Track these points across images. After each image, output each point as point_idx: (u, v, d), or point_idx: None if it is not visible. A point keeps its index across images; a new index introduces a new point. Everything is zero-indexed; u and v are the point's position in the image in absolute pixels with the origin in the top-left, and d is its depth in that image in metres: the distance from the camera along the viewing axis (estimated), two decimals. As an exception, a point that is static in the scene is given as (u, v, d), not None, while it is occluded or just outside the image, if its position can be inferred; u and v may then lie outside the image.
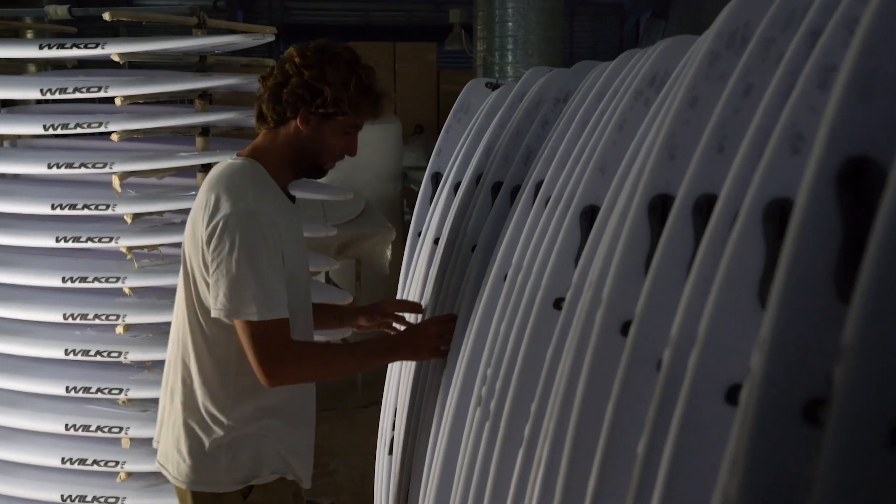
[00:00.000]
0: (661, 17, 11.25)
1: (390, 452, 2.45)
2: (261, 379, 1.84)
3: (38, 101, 3.25)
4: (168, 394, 2.06)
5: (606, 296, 1.09)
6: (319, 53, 1.92)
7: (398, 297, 2.65)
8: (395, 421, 2.44)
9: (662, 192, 1.10)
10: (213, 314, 1.86)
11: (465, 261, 1.99)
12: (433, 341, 1.94)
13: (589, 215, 1.36)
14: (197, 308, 1.95)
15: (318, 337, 3.19)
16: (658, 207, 1.10)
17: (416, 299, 2.39)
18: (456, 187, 2.38)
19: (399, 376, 2.42)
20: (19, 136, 3.19)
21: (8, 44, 2.95)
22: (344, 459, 4.25)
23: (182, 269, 2.00)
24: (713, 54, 1.07)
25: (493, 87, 2.64)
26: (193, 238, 1.92)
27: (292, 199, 2.09)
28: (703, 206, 1.01)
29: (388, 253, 4.71)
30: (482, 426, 1.47)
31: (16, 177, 3.24)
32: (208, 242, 1.85)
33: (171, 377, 2.04)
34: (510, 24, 7.01)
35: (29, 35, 4.29)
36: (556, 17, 7.10)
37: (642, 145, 1.24)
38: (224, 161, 2.01)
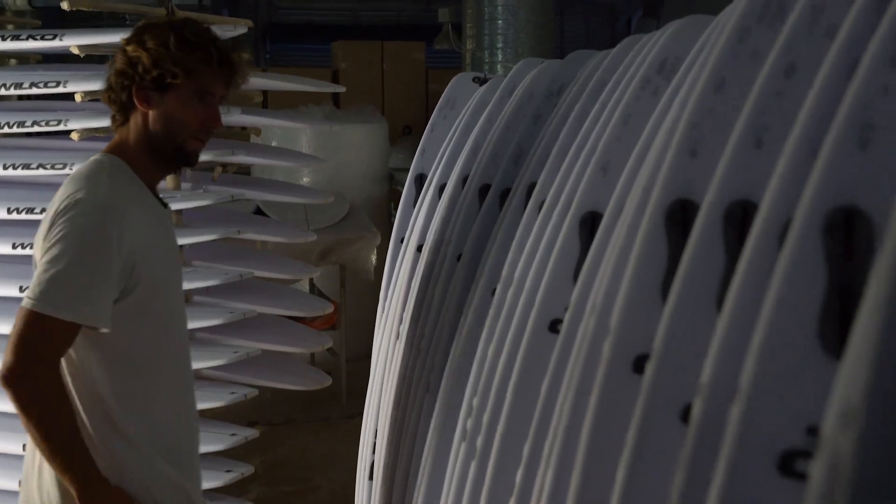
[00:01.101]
0: (653, 15, 11.10)
1: (370, 478, 2.26)
2: (0, 376, 1.59)
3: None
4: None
5: (616, 323, 0.90)
6: (141, 28, 1.80)
7: (380, 307, 2.46)
8: (375, 443, 2.25)
9: (683, 196, 0.92)
10: (23, 304, 1.61)
11: (449, 271, 1.80)
12: None
13: (590, 223, 1.17)
14: None
15: (294, 348, 3.02)
16: (678, 215, 0.92)
17: (397, 311, 2.20)
18: (441, 190, 2.19)
19: (381, 393, 2.23)
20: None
21: None
22: (327, 474, 4.05)
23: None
24: (742, 29, 0.89)
25: (482, 81, 2.45)
26: (39, 240, 1.72)
27: (164, 204, 1.91)
28: (736, 214, 0.83)
29: (373, 258, 4.52)
30: (467, 464, 1.28)
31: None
32: (49, 229, 1.66)
33: None
34: (500, 21, 6.85)
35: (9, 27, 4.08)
36: (546, 14, 6.94)
37: (653, 141, 1.06)
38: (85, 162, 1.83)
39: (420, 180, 2.46)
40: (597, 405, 0.89)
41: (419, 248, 2.19)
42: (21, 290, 2.65)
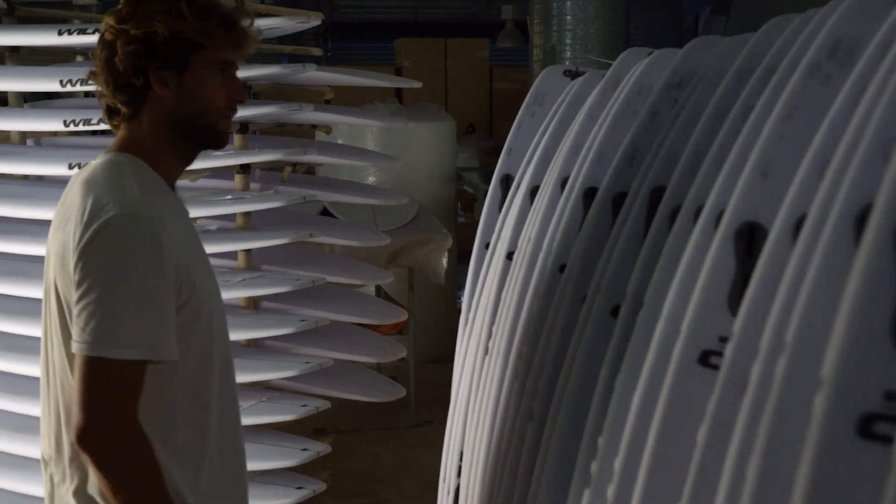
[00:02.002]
0: (722, 13, 10.80)
1: (455, 503, 2.10)
2: (74, 436, 1.37)
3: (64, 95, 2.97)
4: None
5: (832, 374, 0.71)
6: (131, 3, 1.55)
7: (462, 317, 2.30)
8: (460, 465, 2.08)
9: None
10: (74, 349, 1.40)
11: (551, 284, 1.63)
12: None
13: (747, 236, 0.99)
14: (67, 364, 1.51)
15: (367, 358, 2.88)
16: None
17: (485, 323, 2.03)
18: (533, 192, 2.02)
19: (467, 411, 2.06)
20: (42, 134, 2.90)
21: (23, 30, 2.65)
22: (397, 486, 3.90)
23: (47, 320, 1.58)
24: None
25: (573, 74, 2.27)
26: (63, 262, 1.46)
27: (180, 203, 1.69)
28: None
29: (444, 261, 4.36)
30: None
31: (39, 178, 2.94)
32: (81, 256, 1.42)
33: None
34: (568, 17, 6.68)
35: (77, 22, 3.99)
36: (617, 10, 6.75)
37: (838, 140, 0.87)
38: (88, 164, 1.61)
39: (506, 181, 2.29)
40: (811, 475, 0.69)
41: (509, 256, 2.02)
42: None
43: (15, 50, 2.75)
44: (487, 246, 2.26)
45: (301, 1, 12.02)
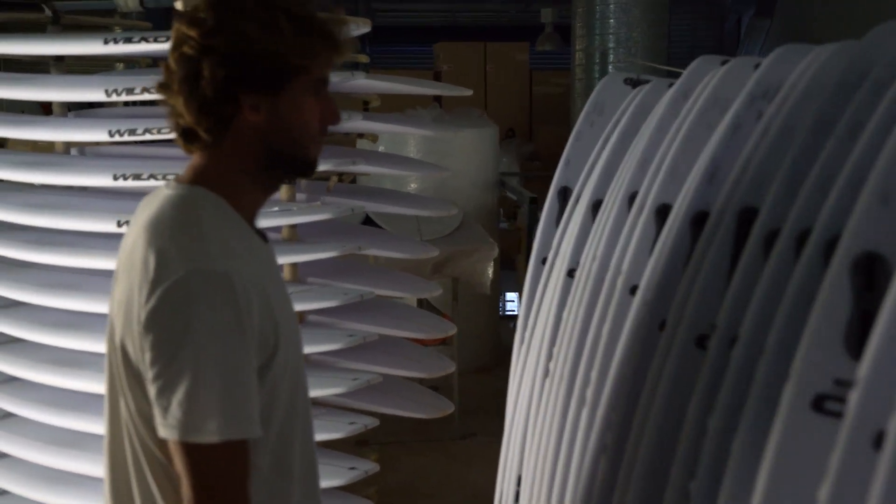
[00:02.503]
0: (766, 15, 10.62)
1: (511, 529, 2.01)
2: None
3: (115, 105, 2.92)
4: None
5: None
6: (215, 8, 1.32)
7: (518, 335, 2.21)
8: (518, 491, 2.00)
9: None
10: (162, 433, 1.25)
11: (622, 307, 1.54)
12: None
13: (865, 268, 0.90)
14: (141, 426, 1.34)
15: (415, 374, 2.79)
16: None
17: (545, 343, 1.94)
18: (595, 207, 1.93)
19: (526, 432, 1.98)
20: (87, 144, 2.86)
21: (68, 39, 2.60)
22: (440, 501, 3.82)
23: (114, 371, 1.38)
24: None
25: (635, 83, 2.18)
26: (129, 321, 1.30)
27: (263, 236, 1.47)
28: None
29: (490, 271, 4.27)
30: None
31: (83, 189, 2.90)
32: (149, 324, 1.25)
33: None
34: (611, 20, 6.59)
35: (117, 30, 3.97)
36: (660, 12, 6.65)
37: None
38: (157, 193, 1.40)
39: (564, 194, 2.20)
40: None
41: (570, 273, 1.93)
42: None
43: (59, 59, 2.71)
44: (544, 261, 2.18)
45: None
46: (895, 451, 0.74)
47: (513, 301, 6.99)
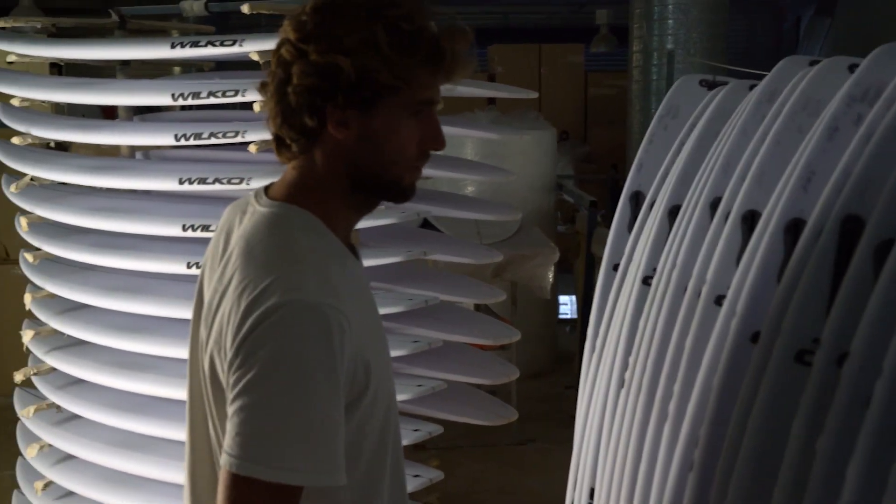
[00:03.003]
0: (826, 14, 10.41)
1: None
2: None
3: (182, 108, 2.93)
4: None
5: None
6: (319, 12, 1.24)
7: (588, 343, 2.16)
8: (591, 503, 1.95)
9: None
10: (222, 460, 1.16)
11: (706, 317, 1.49)
12: None
13: None
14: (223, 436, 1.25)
15: (480, 380, 2.75)
16: None
17: (620, 352, 1.89)
18: (672, 213, 1.88)
19: (599, 443, 1.93)
20: (152, 148, 2.87)
21: (136, 44, 2.61)
22: (498, 509, 3.79)
23: (200, 380, 1.31)
24: None
25: (711, 85, 2.12)
26: (219, 334, 1.23)
27: (356, 255, 1.38)
28: None
29: (550, 276, 4.22)
30: None
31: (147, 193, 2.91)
32: (239, 350, 1.17)
33: None
34: (670, 21, 6.50)
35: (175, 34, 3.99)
36: (720, 13, 6.55)
37: None
38: (246, 205, 1.34)
39: (637, 199, 2.15)
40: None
41: (646, 281, 1.88)
42: (195, 311, 2.48)
43: (126, 63, 2.72)
44: (615, 268, 2.13)
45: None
46: None
47: (567, 304, 6.91)
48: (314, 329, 1.16)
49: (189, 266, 2.49)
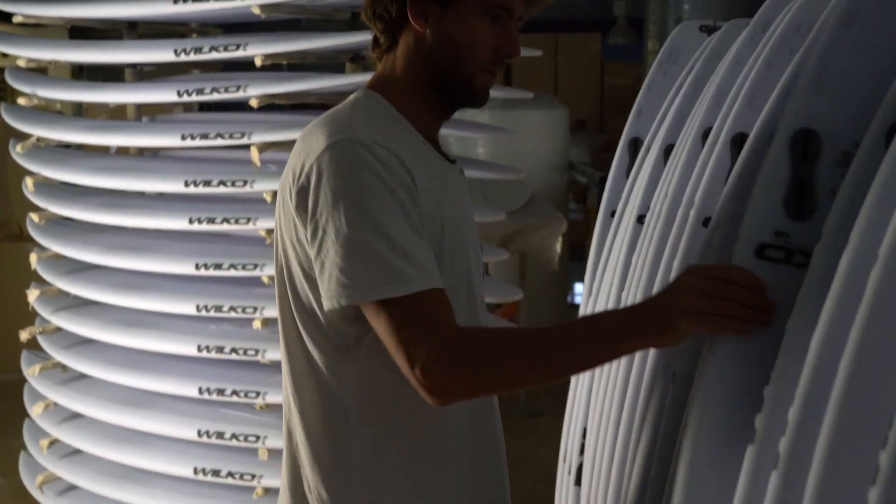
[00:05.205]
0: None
1: (577, 483, 1.96)
2: (424, 392, 1.16)
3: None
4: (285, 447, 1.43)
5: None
6: None
7: (585, 287, 2.15)
8: (584, 443, 1.94)
9: None
10: (327, 305, 1.23)
11: (694, 241, 1.48)
12: (700, 304, 1.09)
13: None
14: (298, 320, 1.33)
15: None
16: None
17: (613, 290, 1.88)
18: (667, 152, 1.87)
19: (592, 382, 1.92)
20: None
21: (141, 47, 2.65)
22: (510, 481, 3.77)
23: (276, 272, 1.38)
24: None
25: (710, 30, 2.11)
26: (285, 212, 1.31)
27: (452, 160, 1.44)
28: None
29: (559, 246, 4.22)
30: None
31: (154, 154, 2.94)
32: (300, 204, 1.24)
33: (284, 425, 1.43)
34: (686, 6, 6.48)
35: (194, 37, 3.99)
36: (737, 5, 6.52)
37: None
38: None
39: (635, 145, 2.14)
40: None
41: (640, 220, 1.87)
42: (196, 267, 2.50)
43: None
44: (613, 214, 2.12)
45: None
46: None
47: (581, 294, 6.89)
48: (367, 159, 1.21)
49: (191, 222, 2.51)
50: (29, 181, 2.82)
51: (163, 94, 2.65)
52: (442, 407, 1.20)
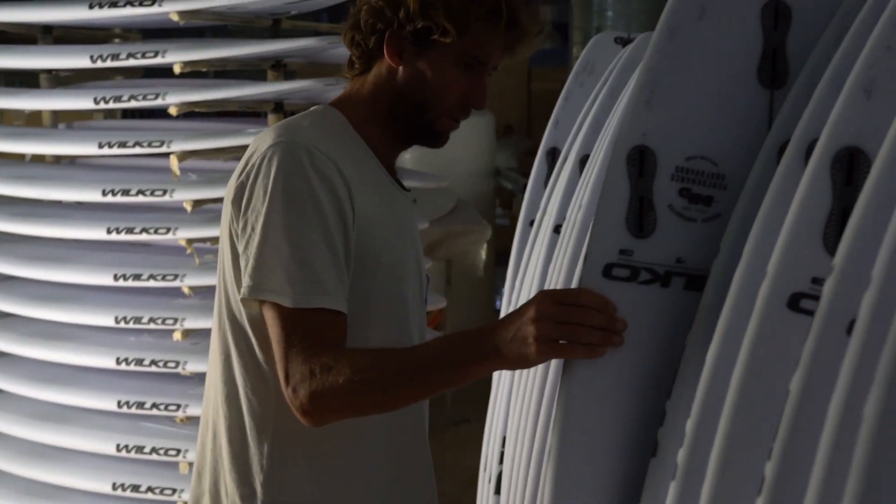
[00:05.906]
0: None
1: (497, 492, 1.98)
2: (293, 410, 1.21)
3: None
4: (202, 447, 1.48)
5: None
6: None
7: (505, 298, 2.18)
8: (502, 452, 1.96)
9: None
10: (240, 294, 1.27)
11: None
12: (552, 334, 1.09)
13: (847, 162, 0.85)
14: (227, 322, 1.36)
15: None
16: None
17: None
18: (583, 162, 1.90)
19: (511, 390, 1.95)
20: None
21: (56, 53, 2.60)
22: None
23: (217, 273, 1.41)
24: None
25: (625, 41, 2.15)
26: (227, 207, 1.35)
27: (405, 189, 1.48)
28: None
29: (484, 253, 4.25)
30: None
31: (70, 162, 2.88)
32: (237, 199, 1.29)
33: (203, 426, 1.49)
34: (609, 13, 6.56)
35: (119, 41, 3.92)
36: (660, 3, 6.62)
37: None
38: None
39: (553, 155, 2.18)
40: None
41: (556, 230, 1.90)
42: (115, 278, 2.47)
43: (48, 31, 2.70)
44: (532, 224, 2.15)
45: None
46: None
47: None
48: (304, 165, 1.25)
49: (109, 231, 2.47)
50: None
51: (79, 101, 2.60)
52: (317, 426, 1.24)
